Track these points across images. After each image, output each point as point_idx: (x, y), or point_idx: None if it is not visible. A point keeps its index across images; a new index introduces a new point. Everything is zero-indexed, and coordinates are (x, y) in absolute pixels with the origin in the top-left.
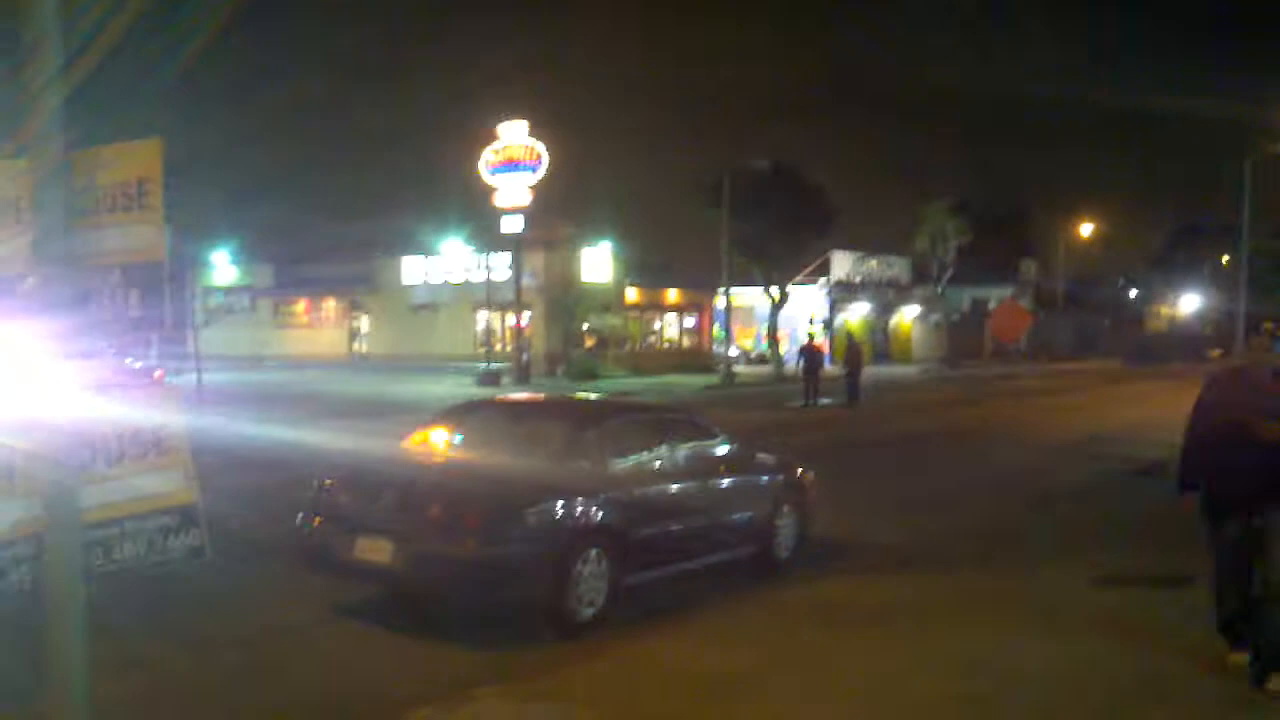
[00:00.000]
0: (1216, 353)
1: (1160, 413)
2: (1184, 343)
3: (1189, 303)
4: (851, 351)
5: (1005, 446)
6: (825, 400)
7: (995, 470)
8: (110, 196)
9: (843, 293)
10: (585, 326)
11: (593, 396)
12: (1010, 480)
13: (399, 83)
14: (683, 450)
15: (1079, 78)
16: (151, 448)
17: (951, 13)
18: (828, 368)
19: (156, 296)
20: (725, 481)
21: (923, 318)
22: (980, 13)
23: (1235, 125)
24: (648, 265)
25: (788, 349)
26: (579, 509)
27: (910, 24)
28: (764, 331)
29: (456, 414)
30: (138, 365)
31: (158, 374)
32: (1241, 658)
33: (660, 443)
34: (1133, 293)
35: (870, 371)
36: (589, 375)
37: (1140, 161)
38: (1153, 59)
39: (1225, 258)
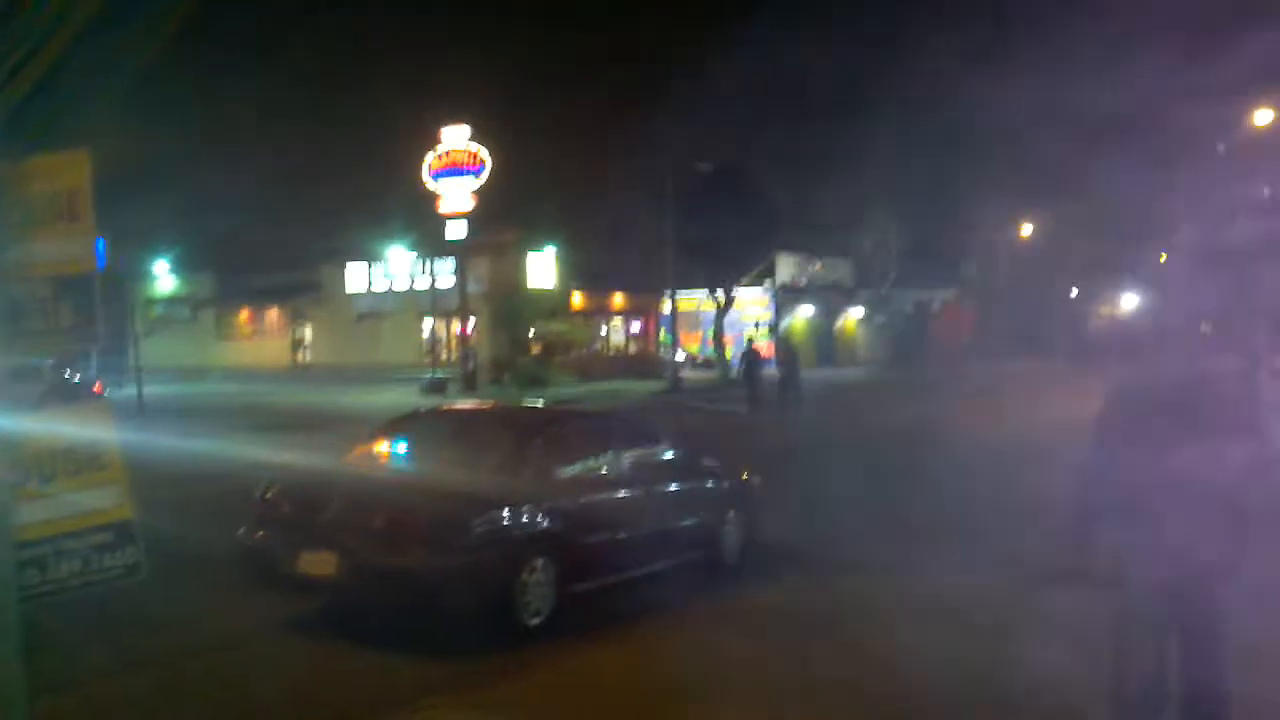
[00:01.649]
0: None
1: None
2: (1126, 340)
3: (1129, 301)
4: (787, 355)
5: (948, 449)
6: (766, 403)
7: (938, 472)
8: (39, 208)
9: (788, 295)
10: (531, 333)
11: (537, 404)
12: (954, 482)
13: (342, 90)
14: (628, 457)
15: (1024, 78)
16: (88, 463)
17: (896, 17)
18: (769, 371)
19: (91, 309)
20: (671, 488)
21: (867, 320)
22: (926, 16)
23: (1169, 126)
24: (593, 270)
25: (733, 353)
26: (524, 518)
27: (854, 24)
28: (710, 336)
29: (400, 424)
30: (76, 379)
31: (96, 387)
32: None
33: (605, 450)
34: (1074, 291)
35: (816, 374)
36: (536, 382)
37: (1078, 159)
38: (1094, 58)
39: (1164, 256)
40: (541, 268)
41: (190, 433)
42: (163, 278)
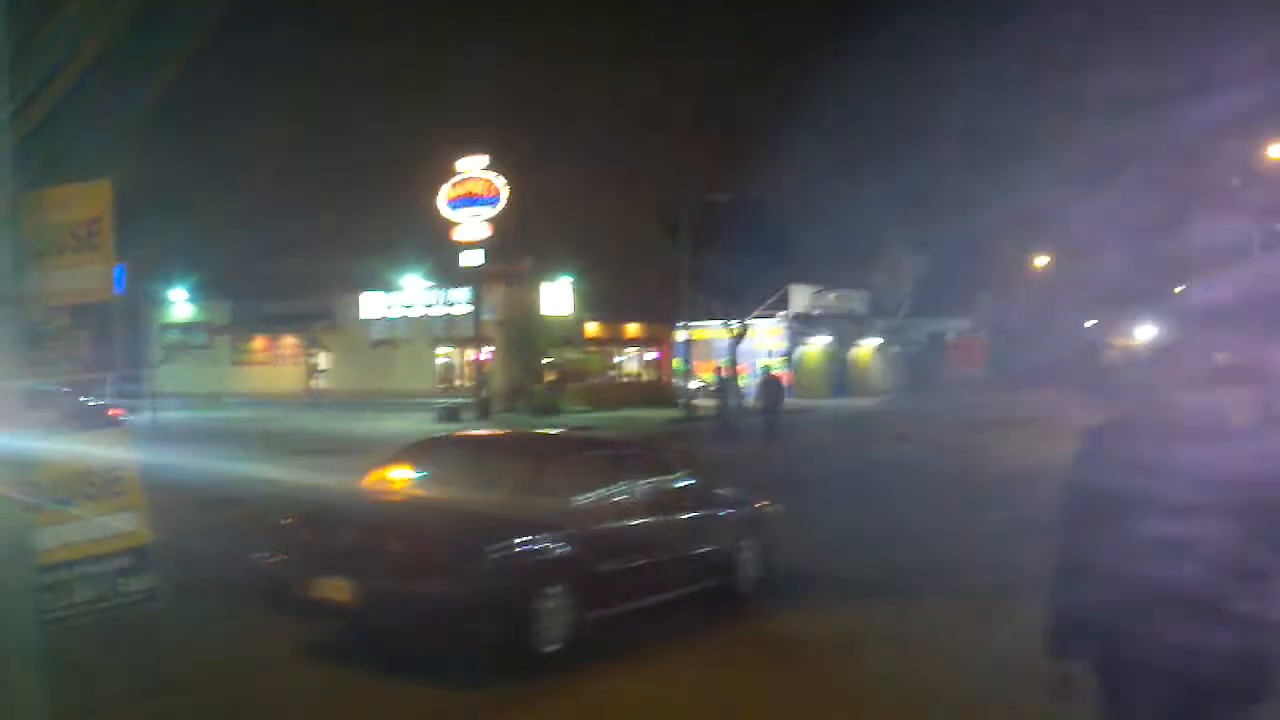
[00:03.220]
0: None
1: None
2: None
3: (1145, 333)
4: (768, 387)
5: (959, 479)
6: (739, 434)
7: (952, 503)
8: (60, 237)
9: (802, 325)
10: (546, 361)
11: (553, 431)
12: (968, 513)
13: (359, 118)
14: (644, 485)
15: (1035, 110)
16: (106, 487)
17: (911, 48)
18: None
19: (109, 336)
20: (687, 516)
21: (882, 350)
22: (940, 48)
23: (1181, 158)
24: (608, 299)
25: (748, 383)
26: (541, 545)
27: (871, 58)
28: (725, 365)
29: (417, 450)
30: (93, 404)
31: (113, 412)
32: None
33: (621, 477)
34: (1090, 323)
35: (829, 404)
36: (550, 410)
37: (1095, 192)
38: (1107, 92)
39: (1179, 288)
40: (556, 296)
41: (206, 457)
42: (179, 304)
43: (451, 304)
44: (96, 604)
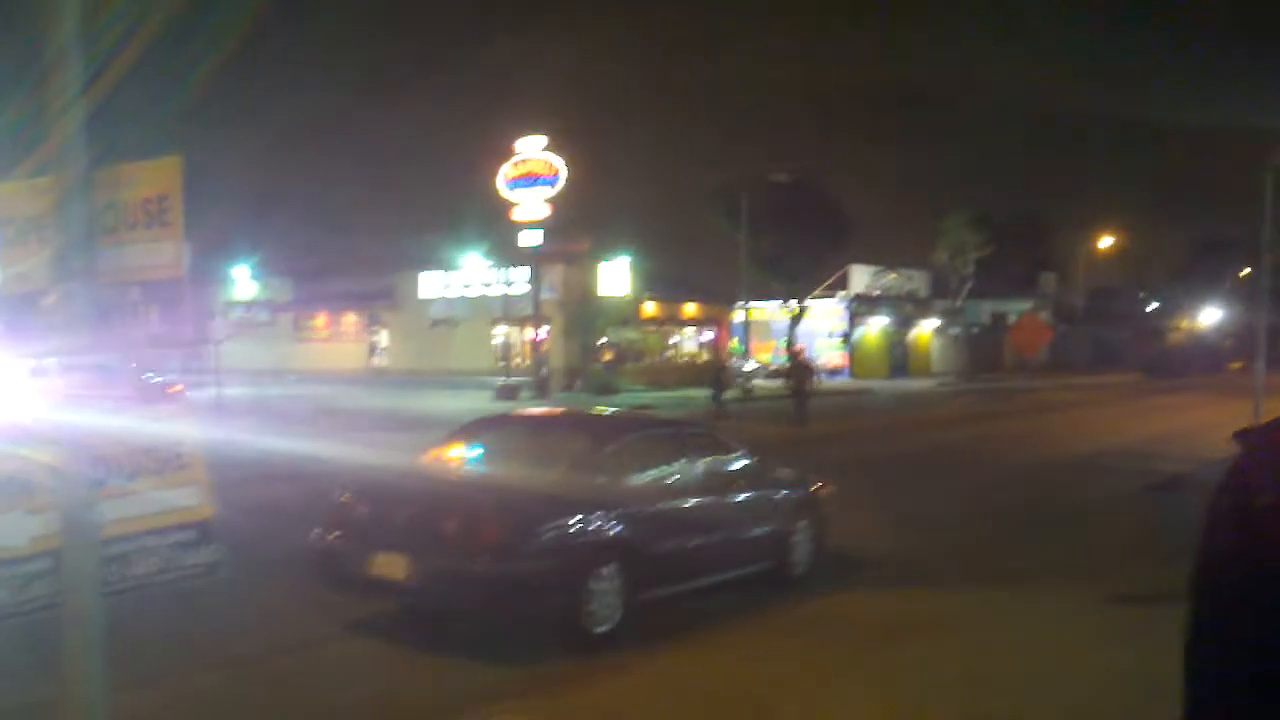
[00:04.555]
0: (1237, 365)
1: (1178, 427)
2: (1204, 355)
3: (1209, 315)
4: (796, 368)
5: (1023, 460)
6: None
7: (1012, 485)
8: (131, 213)
9: (861, 306)
10: (603, 340)
11: (610, 411)
12: (1028, 494)
13: (420, 97)
14: (700, 465)
15: (1100, 89)
16: (169, 462)
17: (971, 26)
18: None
19: (176, 312)
20: (742, 496)
21: (942, 331)
22: (1000, 25)
23: (1257, 134)
24: (666, 279)
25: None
26: (596, 524)
27: (931, 37)
28: (782, 346)
29: (475, 429)
30: (157, 380)
31: (177, 388)
32: None
33: (677, 458)
34: (1153, 306)
35: (887, 385)
36: (607, 389)
37: (1161, 173)
38: (1175, 66)
39: (1245, 270)
40: (615, 276)
41: (269, 433)
42: (242, 282)
43: (510, 283)
44: (157, 577)
